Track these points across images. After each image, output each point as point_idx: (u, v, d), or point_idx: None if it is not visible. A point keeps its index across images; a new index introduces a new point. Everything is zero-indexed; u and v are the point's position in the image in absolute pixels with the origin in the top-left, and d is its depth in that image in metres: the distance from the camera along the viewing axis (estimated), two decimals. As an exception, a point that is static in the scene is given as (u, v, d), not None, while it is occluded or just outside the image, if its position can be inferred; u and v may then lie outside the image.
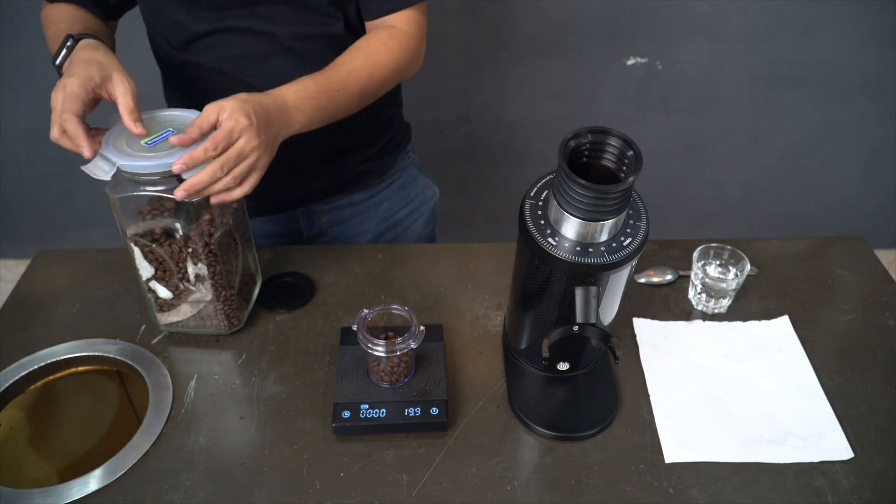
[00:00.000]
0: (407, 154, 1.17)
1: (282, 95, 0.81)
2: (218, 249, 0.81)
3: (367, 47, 0.91)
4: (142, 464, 0.76)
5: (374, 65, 0.90)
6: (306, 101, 0.83)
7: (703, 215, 2.17)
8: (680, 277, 1.00)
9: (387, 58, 0.91)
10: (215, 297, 0.85)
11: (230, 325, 0.89)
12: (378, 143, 1.09)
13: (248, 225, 0.89)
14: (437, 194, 1.23)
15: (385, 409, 0.78)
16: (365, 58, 0.90)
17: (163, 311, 0.87)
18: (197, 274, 0.82)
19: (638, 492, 0.74)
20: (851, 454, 0.77)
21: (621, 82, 1.84)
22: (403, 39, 0.93)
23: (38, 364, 0.87)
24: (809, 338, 0.91)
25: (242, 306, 0.90)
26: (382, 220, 1.15)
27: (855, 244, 1.07)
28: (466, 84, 1.84)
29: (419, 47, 0.96)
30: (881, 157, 2.01)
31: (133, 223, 0.79)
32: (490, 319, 0.93)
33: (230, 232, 0.84)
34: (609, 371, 0.85)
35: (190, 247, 0.79)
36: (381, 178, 1.12)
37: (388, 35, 0.92)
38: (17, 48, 1.72)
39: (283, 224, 1.12)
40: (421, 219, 1.20)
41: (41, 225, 2.13)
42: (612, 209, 0.64)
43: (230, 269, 0.86)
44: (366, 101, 0.92)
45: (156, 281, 0.83)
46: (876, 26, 1.73)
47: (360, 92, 0.90)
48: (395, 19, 0.93)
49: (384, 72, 0.91)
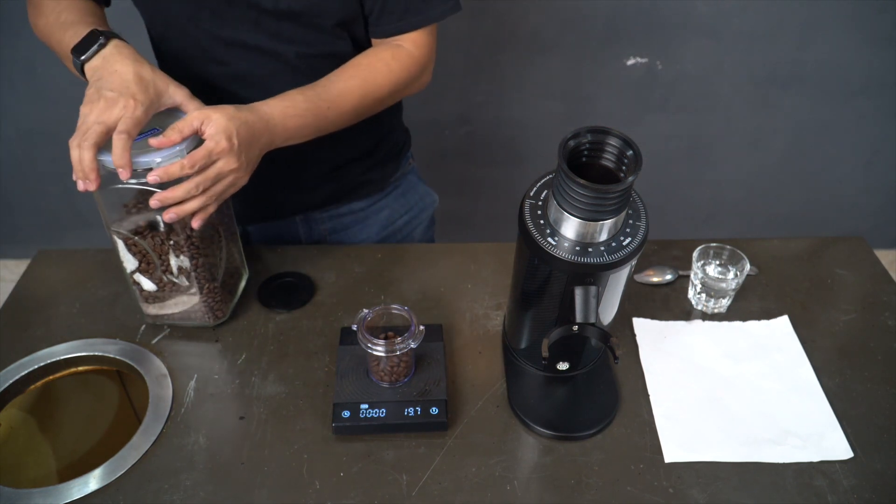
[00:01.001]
0: (407, 161, 1.16)
1: (268, 112, 0.80)
2: (200, 242, 0.82)
3: (367, 65, 0.90)
4: (142, 464, 0.76)
5: (370, 83, 0.89)
6: (292, 118, 0.82)
7: (703, 215, 2.17)
8: (680, 277, 1.00)
9: (386, 78, 0.90)
10: (198, 289, 0.85)
11: (214, 317, 0.89)
12: (379, 153, 1.08)
13: (232, 219, 0.90)
14: (437, 201, 1.22)
15: (385, 409, 0.78)
16: (363, 76, 0.89)
17: (148, 303, 0.88)
18: (180, 266, 0.83)
19: (638, 492, 0.74)
20: (851, 454, 0.77)
21: (621, 82, 1.84)
22: (407, 60, 0.92)
23: (38, 364, 0.87)
24: (809, 338, 0.91)
25: (227, 299, 0.91)
26: (382, 227, 1.14)
27: (855, 244, 1.07)
28: (466, 84, 1.84)
29: (423, 68, 0.95)
30: (881, 157, 2.01)
31: (116, 216, 0.80)
32: (490, 319, 0.93)
33: (213, 225, 0.85)
34: (609, 371, 0.85)
35: (172, 239, 0.80)
36: (381, 186, 1.12)
37: (392, 55, 0.91)
38: (17, 48, 1.72)
39: (283, 230, 1.12)
40: (420, 226, 1.20)
41: (41, 225, 2.13)
42: (611, 209, 0.64)
43: (214, 262, 0.86)
44: (360, 117, 0.91)
45: (140, 273, 0.84)
46: (876, 26, 1.73)
47: (352, 110, 0.89)
48: (402, 39, 0.92)
49: (381, 92, 0.90)
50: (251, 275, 0.98)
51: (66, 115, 0.83)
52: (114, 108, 0.71)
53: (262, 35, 0.88)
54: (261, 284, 0.97)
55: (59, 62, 0.82)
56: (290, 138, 0.84)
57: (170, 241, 0.80)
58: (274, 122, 0.80)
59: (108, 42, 0.78)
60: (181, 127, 0.73)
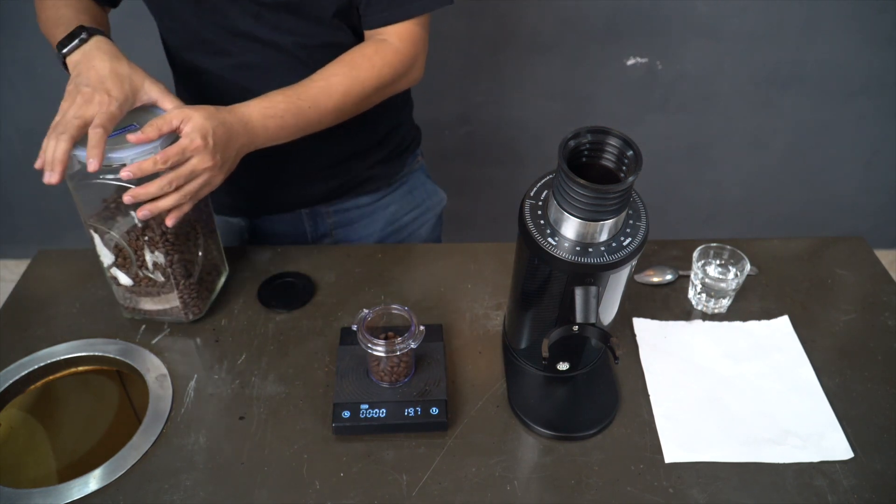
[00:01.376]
0: (416, 158, 1.16)
1: (247, 113, 0.81)
2: (175, 239, 0.82)
3: (349, 61, 0.89)
4: (142, 464, 0.76)
5: (353, 80, 0.88)
6: (272, 119, 0.83)
7: (703, 215, 2.17)
8: (680, 277, 1.00)
9: (368, 73, 0.89)
10: (174, 285, 0.85)
11: (191, 313, 0.90)
12: (387, 147, 1.08)
13: (211, 216, 0.91)
14: (445, 200, 1.22)
15: (385, 409, 0.78)
16: (345, 73, 0.88)
17: (125, 298, 0.89)
18: (154, 262, 0.83)
19: (638, 492, 0.74)
20: (851, 454, 0.77)
21: (621, 82, 1.84)
22: (391, 54, 0.91)
23: (38, 364, 0.87)
24: (809, 338, 0.91)
25: (205, 296, 0.91)
26: (388, 223, 1.14)
27: (855, 244, 1.07)
28: (466, 84, 1.84)
29: (410, 62, 0.93)
30: (881, 157, 2.01)
31: (93, 210, 0.81)
32: (490, 319, 0.93)
33: (190, 222, 0.85)
34: (609, 371, 0.85)
35: (147, 235, 0.81)
36: (388, 182, 1.12)
37: (375, 49, 0.91)
38: (17, 48, 1.73)
39: (289, 224, 1.12)
40: (427, 224, 1.19)
41: (41, 225, 2.13)
42: (611, 209, 0.64)
43: (190, 259, 0.87)
44: (345, 115, 0.91)
45: (116, 268, 0.85)
46: (876, 26, 1.73)
47: (335, 109, 0.88)
48: (387, 32, 0.91)
49: (365, 88, 0.90)
50: (248, 274, 0.98)
51: (66, 115, 0.84)
52: (90, 103, 0.73)
53: (263, 27, 0.89)
54: (261, 284, 0.97)
55: (58, 61, 0.83)
56: (272, 139, 0.85)
57: (145, 237, 0.81)
58: (252, 123, 0.81)
59: (90, 38, 0.80)
60: (160, 124, 0.74)
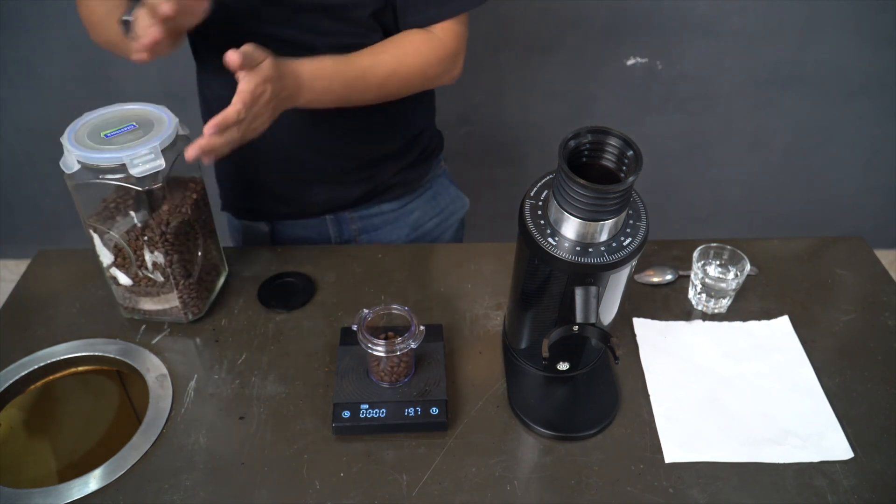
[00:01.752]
0: (439, 163, 1.17)
1: (298, 70, 0.81)
2: (175, 239, 0.83)
3: (398, 44, 0.91)
4: (142, 464, 0.76)
5: (400, 62, 0.90)
6: (319, 80, 0.83)
7: (703, 215, 2.17)
8: (680, 277, 1.00)
9: (415, 59, 0.91)
10: (173, 285, 0.86)
11: (190, 314, 0.90)
12: (412, 154, 1.09)
13: (210, 216, 0.91)
14: (467, 205, 1.22)
15: (385, 409, 0.78)
16: (393, 54, 0.89)
17: (124, 298, 0.89)
18: (154, 262, 0.83)
19: (638, 492, 0.74)
20: (851, 454, 0.77)
21: (621, 82, 1.84)
22: (438, 46, 0.92)
23: (38, 364, 0.87)
24: (809, 338, 0.91)
25: (204, 296, 0.91)
26: (412, 229, 1.14)
27: (855, 244, 1.07)
28: (466, 84, 1.83)
29: (454, 58, 0.95)
30: (881, 157, 2.01)
31: (93, 210, 0.81)
32: (490, 319, 0.93)
33: (189, 222, 0.85)
34: (609, 371, 0.85)
35: (146, 235, 0.81)
36: (413, 188, 1.12)
37: (422, 38, 0.92)
38: (17, 48, 1.72)
39: (313, 230, 1.12)
40: (450, 230, 1.20)
41: (41, 225, 2.13)
42: (611, 209, 0.64)
43: (189, 259, 0.87)
44: (385, 96, 0.92)
45: (116, 268, 0.85)
46: (876, 26, 1.73)
47: (379, 86, 0.89)
48: (432, 27, 0.93)
49: (410, 71, 0.91)
50: (248, 274, 0.98)
51: (66, 115, 0.84)
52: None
53: (297, 29, 0.89)
54: (261, 284, 0.97)
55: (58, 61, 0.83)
56: (313, 100, 0.85)
57: (144, 236, 0.81)
58: (301, 79, 0.82)
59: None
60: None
